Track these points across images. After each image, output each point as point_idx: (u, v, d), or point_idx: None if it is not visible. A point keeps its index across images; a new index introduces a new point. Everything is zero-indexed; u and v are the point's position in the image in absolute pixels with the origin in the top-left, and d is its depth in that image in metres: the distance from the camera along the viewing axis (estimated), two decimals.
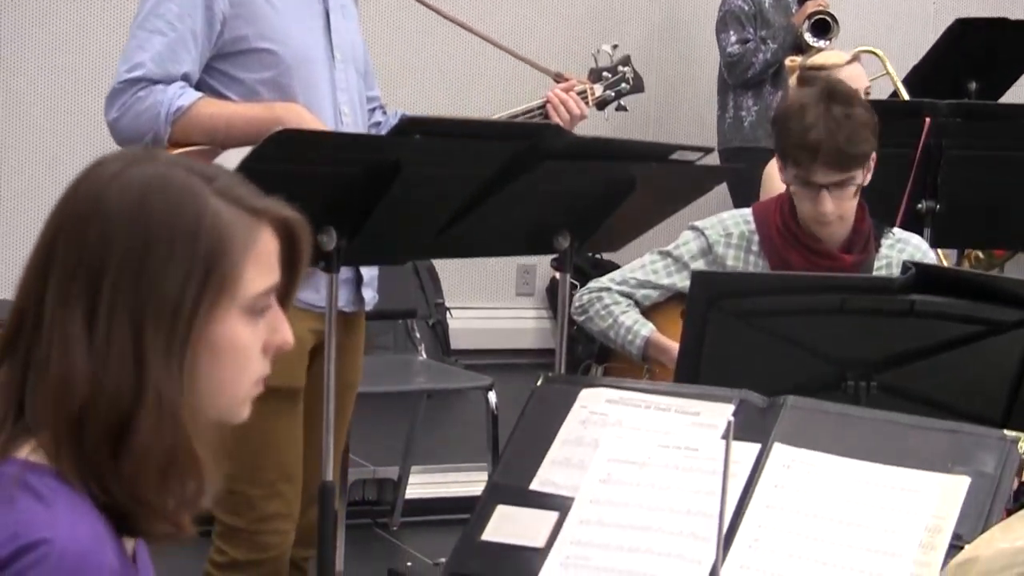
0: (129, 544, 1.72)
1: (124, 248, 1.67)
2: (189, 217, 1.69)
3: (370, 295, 3.61)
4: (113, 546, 1.64)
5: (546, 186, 3.28)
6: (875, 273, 3.85)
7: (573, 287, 4.13)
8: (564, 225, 3.42)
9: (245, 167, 2.87)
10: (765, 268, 3.85)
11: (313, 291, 3.33)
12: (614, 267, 5.34)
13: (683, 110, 7.75)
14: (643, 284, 4.01)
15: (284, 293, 1.80)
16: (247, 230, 1.72)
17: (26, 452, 1.65)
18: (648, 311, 4.03)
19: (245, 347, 1.72)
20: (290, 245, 1.78)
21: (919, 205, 4.58)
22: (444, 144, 3.11)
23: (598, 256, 6.92)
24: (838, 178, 3.68)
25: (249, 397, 1.76)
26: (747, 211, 3.95)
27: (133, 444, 1.65)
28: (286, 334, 1.77)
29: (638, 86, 4.29)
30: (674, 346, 3.84)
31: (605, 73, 4.21)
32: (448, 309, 6.91)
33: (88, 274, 1.67)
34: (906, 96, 5.94)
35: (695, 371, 3.23)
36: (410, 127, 3.12)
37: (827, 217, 3.72)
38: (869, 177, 3.77)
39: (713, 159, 3.89)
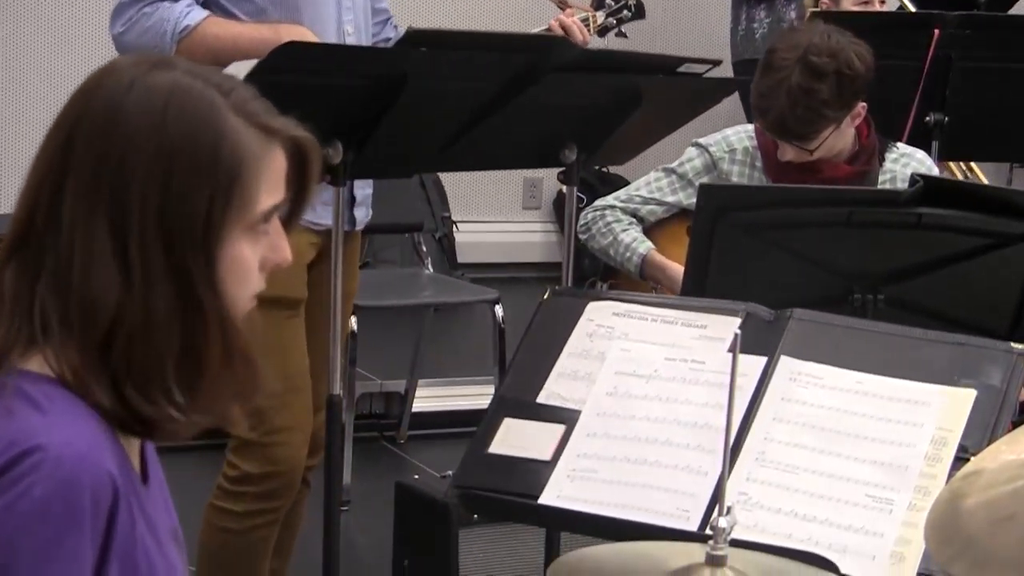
0: (134, 450, 1.73)
1: (148, 163, 1.65)
2: (210, 134, 1.67)
3: (362, 214, 3.62)
4: (113, 453, 1.64)
5: (553, 99, 3.27)
6: (879, 187, 3.84)
7: (580, 200, 4.12)
8: (571, 138, 3.41)
9: (251, 80, 2.85)
10: (768, 183, 3.84)
11: (309, 209, 3.34)
12: (621, 181, 5.34)
13: (691, 23, 7.70)
14: (648, 201, 4.00)
15: (291, 212, 1.79)
16: (262, 149, 1.71)
17: (33, 366, 1.65)
18: (653, 229, 4.03)
19: (248, 263, 1.72)
20: (299, 165, 1.77)
21: (927, 118, 4.56)
22: (450, 56, 3.10)
23: (605, 169, 6.90)
24: (799, 154, 3.70)
25: (245, 312, 1.76)
26: (750, 126, 3.94)
27: (203, 363, 1.67)
28: (285, 252, 1.76)
29: (640, 13, 4.29)
30: (671, 264, 3.85)
31: (608, 0, 4.22)
32: (454, 223, 6.91)
33: (112, 187, 1.65)
34: (912, 8, 5.89)
35: (701, 284, 3.23)
36: (416, 39, 3.10)
37: (811, 157, 3.72)
38: (857, 121, 3.75)
39: (723, 71, 3.86)
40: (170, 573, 1.72)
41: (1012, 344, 2.68)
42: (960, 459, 2.49)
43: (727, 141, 3.92)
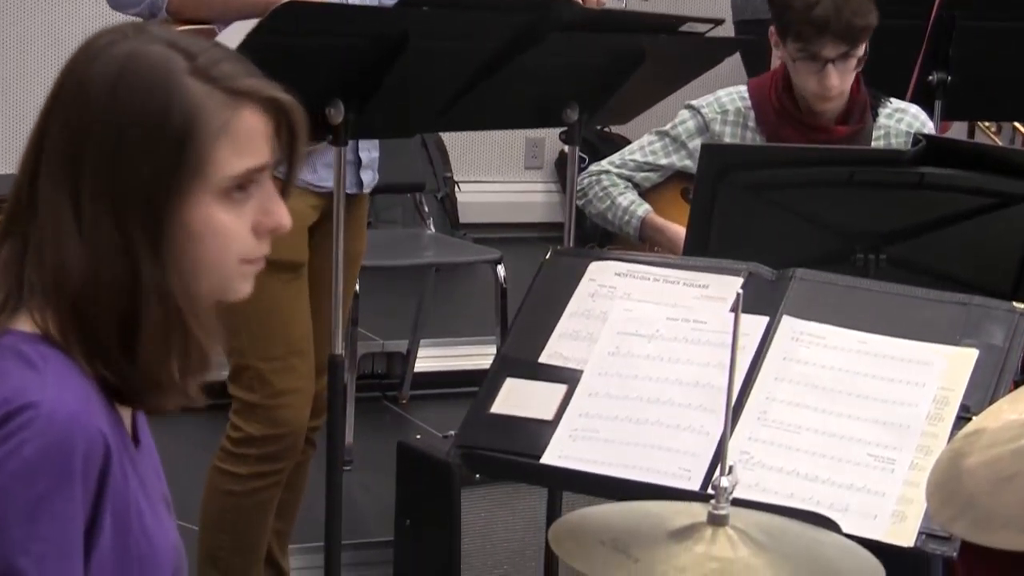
0: (126, 415, 1.73)
1: (99, 131, 1.66)
2: (160, 98, 1.67)
3: (369, 178, 3.62)
4: (105, 412, 1.65)
5: (555, 58, 3.26)
6: (873, 144, 3.83)
7: (581, 161, 4.12)
8: (573, 98, 3.40)
9: (251, 41, 2.85)
10: (762, 143, 3.83)
11: (309, 170, 3.35)
12: (623, 141, 5.33)
13: None
14: (642, 166, 4.00)
15: (285, 175, 1.78)
16: (219, 110, 1.68)
17: (23, 325, 1.66)
18: (647, 193, 4.02)
19: (224, 229, 1.70)
20: (286, 127, 1.75)
21: (930, 77, 4.54)
22: (452, 16, 3.09)
23: (607, 130, 6.88)
24: (845, 50, 3.66)
25: (241, 275, 1.75)
26: (742, 87, 3.93)
27: (140, 333, 1.66)
28: (279, 216, 1.74)
29: None
30: (670, 226, 3.84)
31: None
32: (456, 183, 6.90)
33: (71, 158, 1.67)
34: None
35: (704, 244, 3.22)
36: None
37: (832, 91, 3.69)
38: (859, 68, 3.74)
39: (725, 31, 3.85)
40: (163, 533, 1.73)
41: (1014, 304, 2.67)
42: (962, 418, 2.50)
43: (719, 103, 3.92)
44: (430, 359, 5.48)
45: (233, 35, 3.16)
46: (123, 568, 1.65)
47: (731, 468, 1.88)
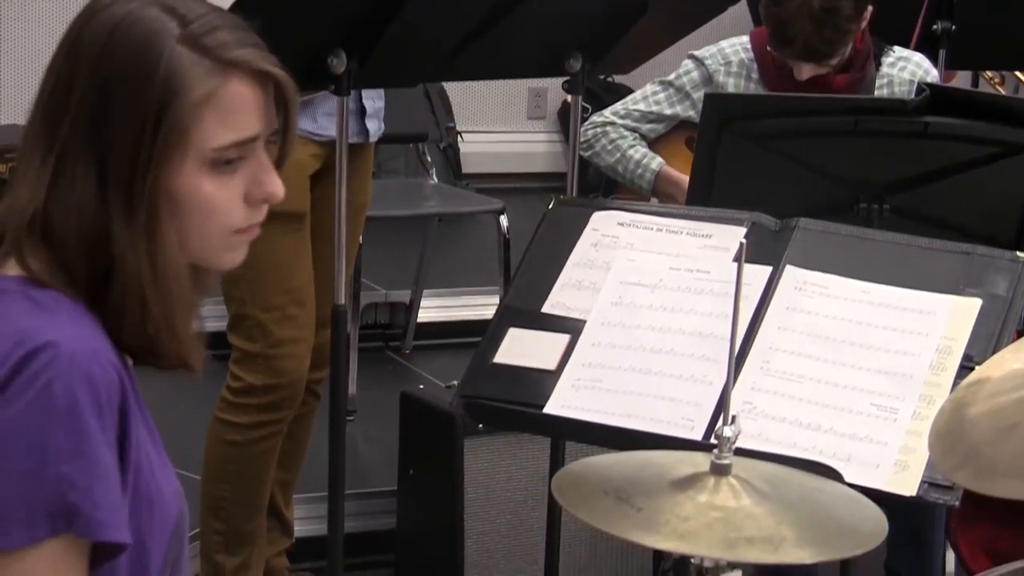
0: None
1: (86, 89, 1.67)
2: (145, 62, 1.66)
3: (375, 126, 3.60)
4: (115, 352, 1.66)
5: (558, 7, 3.25)
6: (876, 92, 3.82)
7: (585, 110, 4.10)
8: (576, 47, 3.39)
9: None
10: (765, 93, 3.82)
11: (308, 120, 3.34)
12: (626, 90, 5.30)
13: None
14: (647, 116, 3.98)
15: (279, 148, 1.78)
16: (204, 79, 1.67)
17: (15, 270, 1.67)
18: (651, 143, 4.02)
19: (209, 200, 1.70)
20: (277, 101, 1.74)
21: (934, 26, 4.53)
22: None
23: (610, 79, 6.86)
24: (816, 70, 3.66)
25: (230, 246, 1.75)
26: (744, 38, 3.91)
27: (110, 289, 1.67)
28: (271, 187, 1.74)
29: None
30: (684, 178, 3.83)
31: None
32: (459, 133, 6.88)
33: (54, 112, 1.68)
34: None
35: (707, 194, 3.22)
36: None
37: (802, 78, 3.69)
38: (864, 24, 3.72)
39: None
40: (167, 477, 1.74)
41: (1018, 253, 2.67)
42: (965, 368, 2.50)
43: (722, 54, 3.90)
44: (433, 309, 5.48)
45: None
46: (137, 508, 1.66)
47: (734, 418, 1.88)
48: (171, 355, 1.73)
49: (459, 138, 6.87)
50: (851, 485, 2.08)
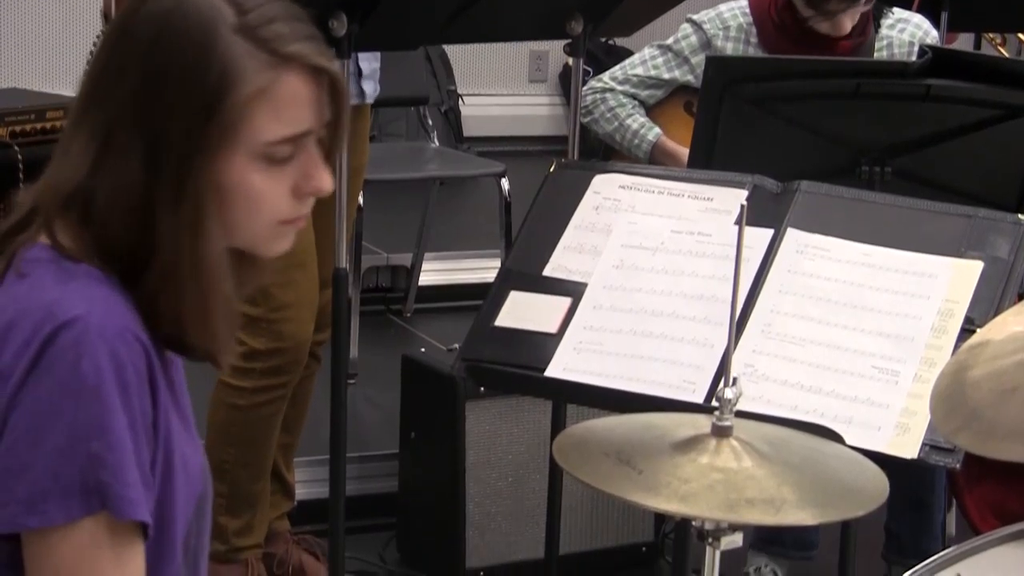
0: None
1: (139, 74, 1.65)
2: (199, 52, 1.64)
3: (371, 88, 3.60)
4: (144, 329, 1.65)
5: None
6: (876, 55, 3.81)
7: (586, 73, 4.09)
8: (577, 9, 3.38)
9: None
10: (766, 56, 3.81)
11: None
12: (627, 53, 5.30)
13: None
14: (645, 82, 3.97)
15: (329, 142, 1.76)
16: (260, 73, 1.65)
17: (51, 240, 1.66)
18: (649, 108, 4.01)
19: (256, 192, 1.69)
20: (330, 96, 1.73)
21: None
22: None
23: (611, 42, 6.85)
24: (853, 16, 3.65)
25: (276, 236, 1.74)
26: (743, 2, 3.89)
27: (149, 275, 1.66)
28: (321, 181, 1.73)
29: None
30: (682, 150, 3.83)
31: None
32: (460, 96, 6.87)
33: (101, 98, 1.66)
34: None
35: (708, 157, 3.21)
36: None
37: (844, 32, 3.67)
38: None
39: None
40: (193, 449, 1.74)
41: (1020, 216, 2.67)
42: (966, 331, 2.50)
43: (720, 18, 3.89)
44: (434, 272, 5.48)
45: None
46: (164, 483, 1.66)
47: (735, 380, 1.88)
48: (200, 348, 1.71)
49: (460, 101, 6.86)
50: (852, 448, 2.08)
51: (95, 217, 1.65)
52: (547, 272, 2.79)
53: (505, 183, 5.01)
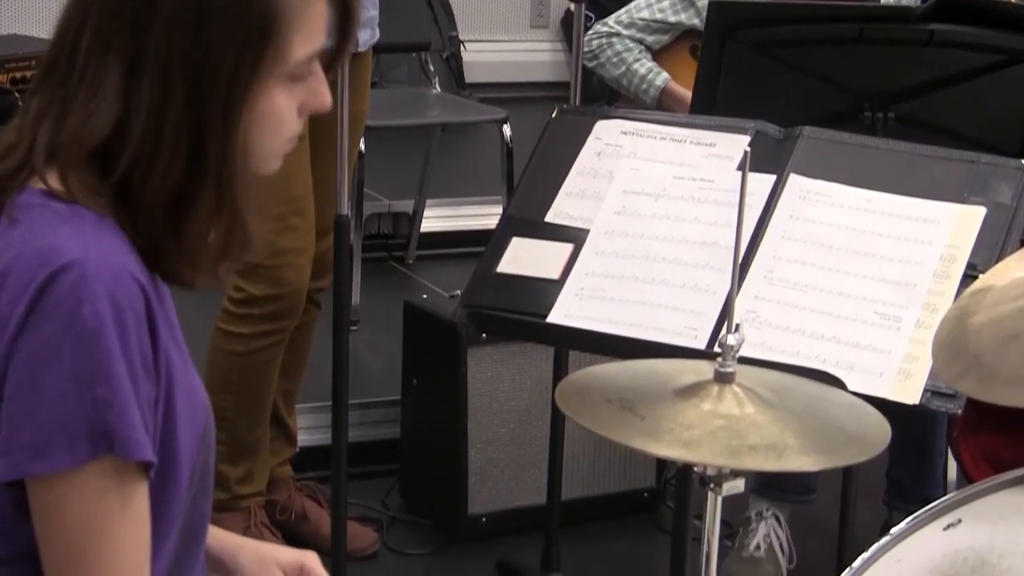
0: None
1: (176, 8, 1.63)
2: None
3: (367, 36, 3.59)
4: (140, 266, 1.65)
5: None
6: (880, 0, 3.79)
7: (588, 19, 4.08)
8: None
9: None
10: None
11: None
12: None
13: None
14: (651, 26, 3.96)
15: (332, 58, 1.77)
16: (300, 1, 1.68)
17: (47, 184, 1.65)
18: (654, 52, 3.99)
19: (281, 112, 1.70)
20: (342, 11, 1.74)
21: None
22: None
23: None
24: None
25: (281, 153, 1.75)
26: None
27: (191, 210, 1.65)
28: (325, 97, 1.74)
29: None
30: (689, 94, 3.81)
31: None
32: (462, 42, 6.85)
33: (133, 27, 1.64)
34: None
35: (711, 103, 3.20)
36: None
37: None
38: None
39: None
40: (192, 388, 1.74)
41: (1022, 161, 2.66)
42: (968, 276, 2.50)
43: None
44: (436, 219, 5.48)
45: None
46: (167, 422, 1.66)
47: (737, 326, 1.88)
48: (237, 259, 1.73)
49: (462, 47, 6.84)
50: (854, 393, 2.08)
51: (125, 163, 1.64)
52: (549, 218, 2.79)
53: (507, 129, 5.00)
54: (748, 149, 1.94)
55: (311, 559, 1.95)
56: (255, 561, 1.94)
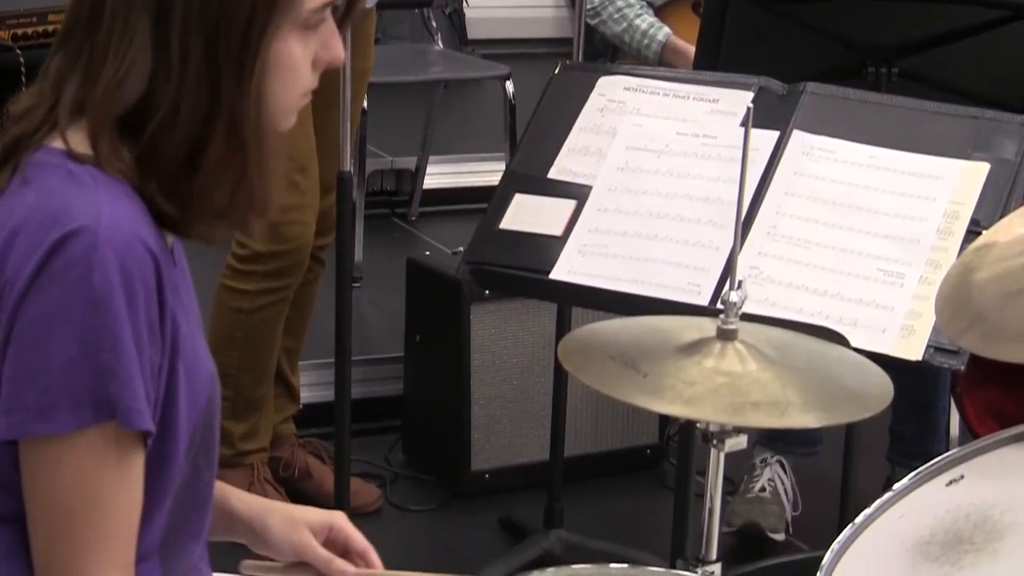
0: (168, 237, 1.73)
1: None
2: None
3: None
4: (153, 232, 1.64)
5: None
6: None
7: None
8: None
9: None
10: None
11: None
12: None
13: None
14: None
15: (346, 9, 1.77)
16: None
17: (65, 143, 1.64)
18: (657, 9, 3.98)
19: (296, 62, 1.70)
20: None
21: None
22: None
23: None
24: None
25: (296, 107, 1.74)
26: None
27: (204, 160, 1.64)
28: (337, 49, 1.74)
29: None
30: (691, 49, 3.80)
31: None
32: None
33: None
34: None
35: (714, 59, 3.19)
36: None
37: None
38: None
39: None
40: (198, 359, 1.73)
41: None
42: (972, 232, 2.49)
43: None
44: (439, 176, 5.47)
45: None
46: (171, 386, 1.66)
47: (740, 283, 1.88)
48: (251, 218, 1.72)
49: (464, 3, 6.81)
50: (857, 350, 2.08)
51: (156, 122, 1.63)
52: (552, 175, 2.79)
53: (510, 85, 4.98)
54: (751, 105, 1.94)
55: (340, 519, 1.96)
56: (285, 524, 1.94)
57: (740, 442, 1.90)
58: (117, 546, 1.63)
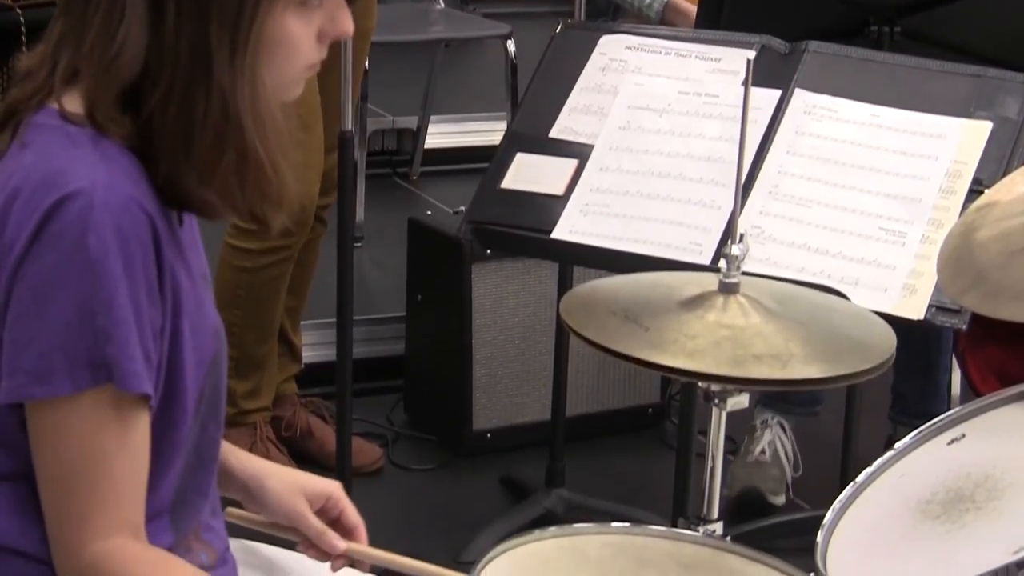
0: None
1: None
2: None
3: None
4: (148, 193, 1.64)
5: None
6: None
7: None
8: None
9: None
10: None
11: None
12: None
13: None
14: None
15: None
16: None
17: (66, 105, 1.64)
18: None
19: (296, 38, 1.69)
20: None
21: None
22: None
23: None
24: None
25: (300, 80, 1.74)
26: None
27: (204, 136, 1.64)
28: (345, 23, 1.73)
29: None
30: (693, 9, 3.79)
31: None
32: None
33: None
34: None
35: (716, 17, 3.19)
36: None
37: None
38: None
39: None
40: (203, 316, 1.74)
41: None
42: (974, 191, 2.49)
43: None
44: (440, 135, 5.46)
45: None
46: (175, 346, 1.66)
47: (742, 236, 1.88)
48: (265, 198, 1.71)
49: None
50: None
51: (156, 95, 1.63)
52: (553, 134, 2.78)
53: (511, 45, 4.97)
54: (750, 59, 1.92)
55: (337, 490, 1.96)
56: (283, 488, 1.95)
57: (742, 401, 1.90)
58: (123, 507, 1.64)
